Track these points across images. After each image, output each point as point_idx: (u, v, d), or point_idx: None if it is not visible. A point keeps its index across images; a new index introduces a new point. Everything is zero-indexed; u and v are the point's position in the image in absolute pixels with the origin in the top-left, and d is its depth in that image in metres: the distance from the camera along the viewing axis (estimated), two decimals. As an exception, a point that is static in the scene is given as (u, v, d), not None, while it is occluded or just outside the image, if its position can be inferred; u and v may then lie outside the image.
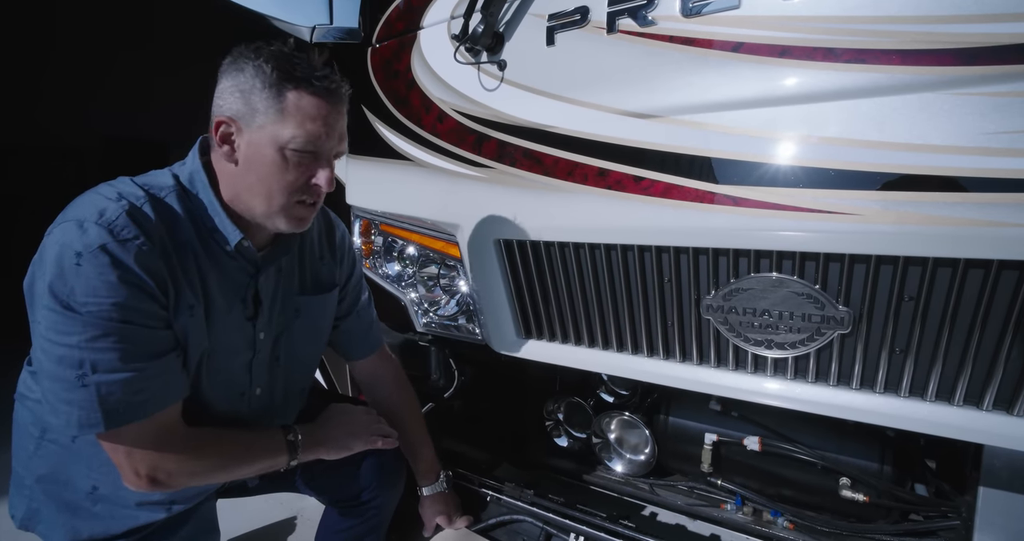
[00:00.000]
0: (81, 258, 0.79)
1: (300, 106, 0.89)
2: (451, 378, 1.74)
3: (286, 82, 0.88)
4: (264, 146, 0.90)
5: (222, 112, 0.91)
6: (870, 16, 0.91)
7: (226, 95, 0.90)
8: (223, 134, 0.91)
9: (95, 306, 0.80)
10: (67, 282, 0.79)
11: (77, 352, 0.80)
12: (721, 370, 1.16)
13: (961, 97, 0.85)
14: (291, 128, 0.89)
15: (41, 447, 0.98)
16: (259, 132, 0.90)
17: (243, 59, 0.90)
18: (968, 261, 0.86)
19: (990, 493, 1.09)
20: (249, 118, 0.89)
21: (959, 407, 0.94)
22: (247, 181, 0.93)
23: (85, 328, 0.80)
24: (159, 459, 0.88)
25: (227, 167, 0.93)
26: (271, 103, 0.88)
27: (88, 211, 0.82)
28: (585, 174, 1.18)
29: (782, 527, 1.39)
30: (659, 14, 1.07)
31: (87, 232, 0.80)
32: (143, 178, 0.93)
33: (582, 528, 1.21)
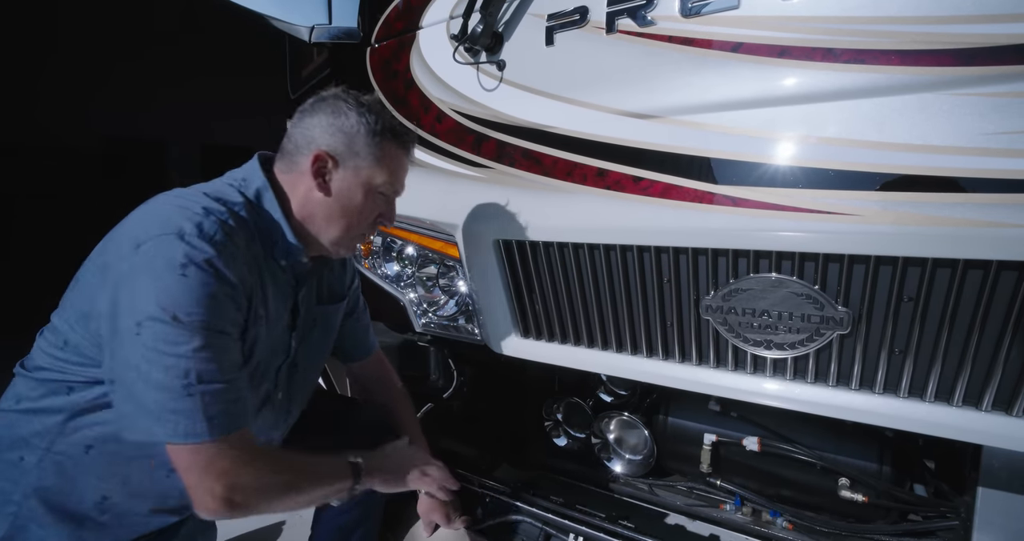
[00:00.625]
0: (187, 270, 0.83)
1: (394, 157, 1.06)
2: (450, 378, 1.74)
3: (387, 134, 1.03)
4: (357, 185, 1.03)
5: (320, 147, 1.01)
6: (869, 16, 0.91)
7: (324, 133, 1.01)
8: (318, 167, 1.01)
9: (200, 316, 0.83)
10: (174, 293, 0.82)
11: (184, 362, 0.82)
12: (720, 370, 1.16)
13: (960, 97, 0.85)
14: (384, 175, 1.05)
15: (46, 458, 0.94)
16: (355, 172, 1.03)
17: (345, 105, 1.02)
18: (967, 261, 0.86)
19: (989, 493, 1.08)
20: (348, 158, 1.02)
21: (958, 408, 0.94)
22: (331, 211, 1.03)
23: (191, 338, 0.83)
24: (236, 478, 0.87)
25: (313, 195, 1.02)
26: (371, 150, 1.02)
27: (185, 224, 0.86)
28: (584, 174, 1.18)
29: (781, 527, 1.39)
30: (658, 14, 1.07)
31: (193, 246, 0.84)
32: (213, 191, 0.97)
33: (581, 528, 1.21)
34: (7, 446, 0.96)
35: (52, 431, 0.95)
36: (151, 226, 0.87)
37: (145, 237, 0.86)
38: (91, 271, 0.94)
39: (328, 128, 1.00)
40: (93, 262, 0.95)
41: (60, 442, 0.94)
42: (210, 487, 0.86)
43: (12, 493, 0.95)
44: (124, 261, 0.86)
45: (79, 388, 0.94)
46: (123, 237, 0.90)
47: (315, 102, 1.04)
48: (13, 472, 0.95)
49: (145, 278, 0.83)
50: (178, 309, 0.82)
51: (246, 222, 0.97)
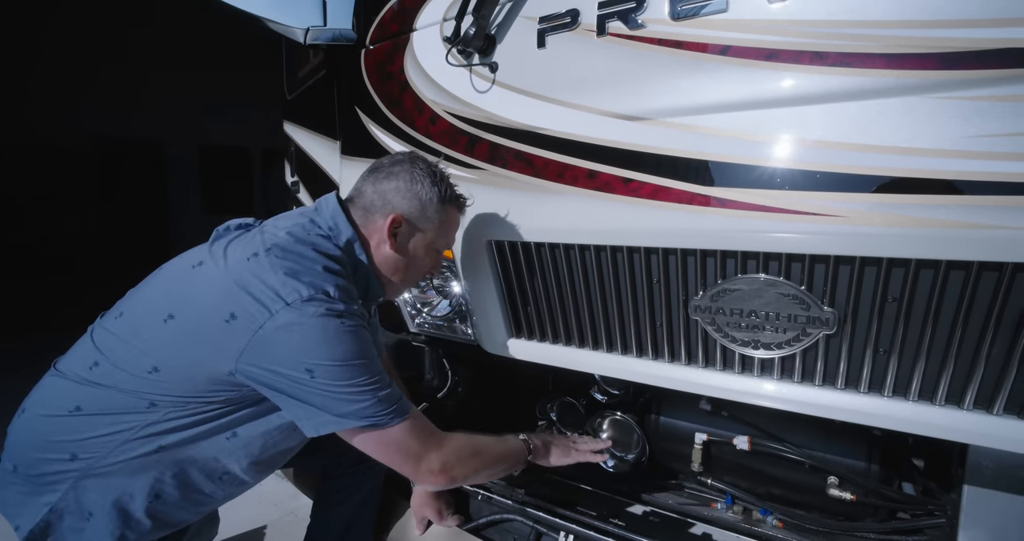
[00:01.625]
0: (344, 322, 0.96)
1: (452, 221, 1.22)
2: (444, 378, 1.75)
3: (451, 201, 1.18)
4: (423, 246, 1.18)
5: (397, 210, 1.13)
6: (855, 20, 0.92)
7: (402, 198, 1.14)
8: (392, 227, 1.13)
9: (365, 355, 0.98)
10: (340, 344, 0.95)
11: (367, 387, 0.97)
12: (709, 370, 1.17)
13: (944, 101, 0.86)
14: (444, 238, 1.22)
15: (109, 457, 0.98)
16: (422, 234, 1.17)
17: (420, 172, 1.15)
18: (950, 262, 0.87)
19: (975, 491, 1.10)
20: (420, 221, 1.16)
21: (941, 406, 0.96)
22: (398, 265, 1.18)
23: (366, 371, 0.98)
24: (443, 454, 1.06)
25: (385, 249, 1.15)
26: (438, 215, 1.16)
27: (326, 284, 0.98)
28: (575, 176, 1.19)
29: (771, 526, 1.40)
30: (648, 17, 1.08)
31: (340, 302, 0.98)
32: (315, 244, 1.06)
33: (572, 526, 1.22)
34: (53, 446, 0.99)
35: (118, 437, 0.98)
36: (296, 286, 0.95)
37: (293, 296, 0.94)
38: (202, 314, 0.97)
39: (406, 194, 1.13)
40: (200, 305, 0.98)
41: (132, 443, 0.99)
42: (427, 462, 1.04)
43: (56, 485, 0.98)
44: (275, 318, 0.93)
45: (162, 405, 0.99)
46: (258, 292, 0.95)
47: (392, 165, 1.16)
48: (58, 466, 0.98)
49: (309, 336, 0.94)
50: (348, 355, 0.96)
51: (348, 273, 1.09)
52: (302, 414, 0.98)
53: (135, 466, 0.99)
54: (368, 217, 1.14)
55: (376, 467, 1.37)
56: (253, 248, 1.00)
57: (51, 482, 0.98)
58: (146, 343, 0.99)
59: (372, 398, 0.97)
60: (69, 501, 0.98)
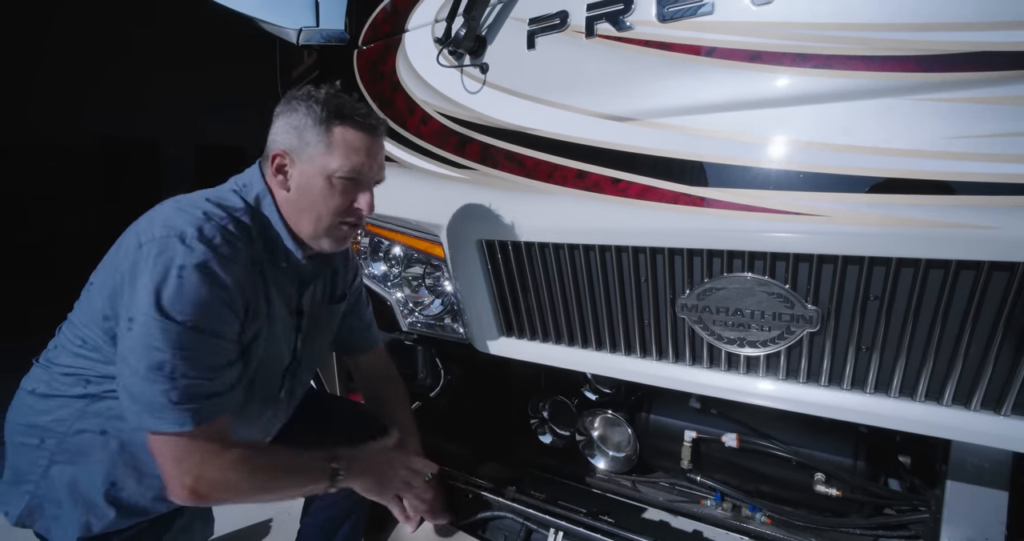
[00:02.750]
0: (184, 271, 0.87)
1: (345, 139, 1.03)
2: (437, 377, 1.76)
3: (334, 119, 1.02)
4: (314, 176, 1.03)
5: (277, 146, 1.04)
6: (837, 23, 0.93)
7: (281, 132, 1.04)
8: (278, 165, 1.04)
9: (191, 317, 0.88)
10: (169, 293, 0.87)
11: (171, 359, 0.87)
12: (696, 368, 1.18)
13: (923, 103, 0.88)
14: (337, 159, 1.02)
15: (65, 442, 1.00)
16: (309, 164, 1.03)
17: (296, 101, 1.04)
18: (929, 261, 0.89)
19: (957, 487, 1.12)
20: (301, 151, 1.03)
21: (921, 403, 0.97)
22: (299, 206, 1.05)
23: (180, 338, 0.87)
24: (203, 472, 0.92)
25: (282, 193, 1.05)
26: (321, 138, 1.02)
27: (186, 227, 0.90)
28: (564, 176, 1.20)
29: (760, 522, 1.42)
30: (636, 19, 1.10)
31: (191, 248, 0.89)
32: (214, 197, 1.01)
33: (562, 524, 1.23)
34: (26, 430, 1.03)
35: (71, 417, 1.01)
36: (155, 227, 0.91)
37: (147, 238, 0.91)
38: (102, 273, 1.00)
39: (283, 127, 1.04)
40: (105, 264, 1.00)
41: (77, 426, 1.00)
42: (180, 478, 0.91)
43: (30, 473, 1.02)
44: (127, 260, 0.92)
45: (96, 381, 1.00)
46: (129, 238, 0.95)
47: (279, 106, 1.07)
48: (32, 453, 1.02)
49: (144, 277, 0.88)
50: (171, 308, 0.87)
51: (247, 227, 1.00)
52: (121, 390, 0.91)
53: (87, 451, 1.00)
54: (268, 166, 1.06)
55: None
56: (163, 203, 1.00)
57: (28, 469, 1.02)
58: (77, 317, 1.02)
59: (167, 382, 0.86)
60: (43, 488, 1.01)
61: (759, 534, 1.37)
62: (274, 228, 1.05)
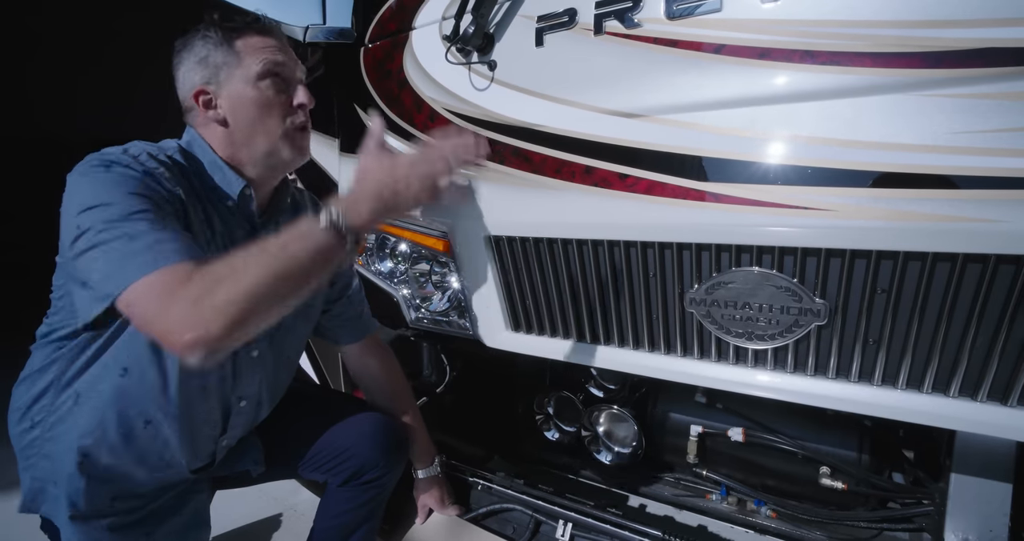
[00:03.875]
0: (111, 168, 0.87)
1: (250, 44, 1.03)
2: (442, 373, 1.77)
3: (228, 33, 1.02)
4: (242, 91, 1.02)
5: (195, 84, 1.02)
6: (844, 20, 0.94)
7: (189, 72, 1.03)
8: (204, 102, 1.02)
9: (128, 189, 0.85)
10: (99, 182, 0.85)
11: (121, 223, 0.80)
12: (704, 361, 1.19)
13: (929, 98, 0.89)
14: (252, 64, 1.02)
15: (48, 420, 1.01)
16: (230, 83, 1.02)
17: (187, 39, 1.03)
18: (936, 255, 0.90)
19: (961, 479, 1.13)
20: (217, 77, 1.02)
21: (928, 394, 0.98)
22: (242, 127, 1.03)
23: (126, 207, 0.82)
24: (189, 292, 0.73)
25: (219, 130, 1.03)
26: (227, 56, 1.01)
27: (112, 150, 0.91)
28: (572, 172, 1.21)
29: (765, 516, 1.43)
30: (644, 16, 1.11)
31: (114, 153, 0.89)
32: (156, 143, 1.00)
33: (571, 515, 1.24)
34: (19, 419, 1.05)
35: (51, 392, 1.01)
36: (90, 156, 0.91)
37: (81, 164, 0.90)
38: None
39: (188, 67, 1.02)
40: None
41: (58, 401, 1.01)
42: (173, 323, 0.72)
43: (30, 457, 1.03)
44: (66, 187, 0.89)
45: (66, 343, 1.00)
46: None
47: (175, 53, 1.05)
48: (27, 437, 1.03)
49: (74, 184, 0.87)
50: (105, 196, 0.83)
51: (179, 164, 0.99)
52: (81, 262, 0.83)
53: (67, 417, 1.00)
54: (191, 114, 1.06)
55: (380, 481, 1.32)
56: None
57: (28, 455, 1.04)
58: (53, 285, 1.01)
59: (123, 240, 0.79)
60: (39, 471, 1.03)
61: (765, 528, 1.39)
62: (210, 164, 1.03)
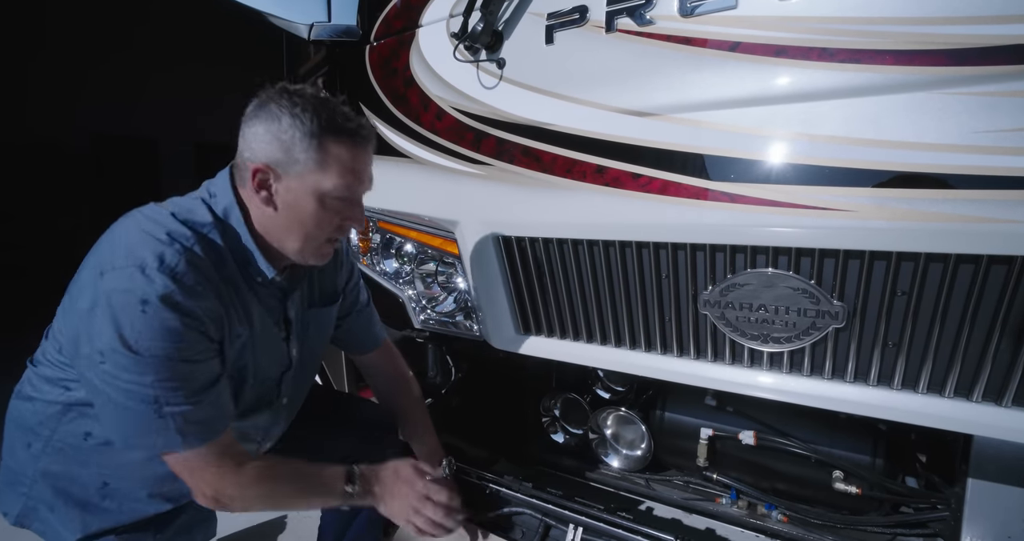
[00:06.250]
0: (147, 305, 0.83)
1: (339, 156, 0.94)
2: (448, 374, 1.75)
3: (325, 133, 0.92)
4: (304, 194, 0.95)
5: (258, 159, 0.93)
6: (864, 17, 0.92)
7: (261, 142, 0.93)
8: (260, 181, 0.94)
9: (162, 350, 0.85)
10: (135, 328, 0.83)
11: (151, 390, 0.85)
12: (718, 364, 1.17)
13: (952, 96, 0.87)
14: (331, 178, 0.94)
15: (50, 445, 1.00)
16: (298, 181, 0.94)
17: (278, 107, 0.92)
18: (959, 256, 0.88)
19: (978, 485, 1.11)
20: (288, 166, 0.93)
21: (950, 399, 0.97)
22: (284, 224, 0.97)
23: (155, 370, 0.85)
24: (220, 485, 0.94)
25: (263, 210, 0.97)
26: (311, 154, 0.92)
27: (147, 256, 0.85)
28: (583, 171, 1.19)
29: (776, 520, 1.41)
30: (657, 13, 1.09)
31: (152, 280, 0.84)
32: (181, 211, 0.94)
33: (581, 519, 1.22)
34: (16, 433, 1.04)
35: (53, 420, 1.00)
36: (117, 254, 0.87)
37: (109, 266, 0.86)
38: (74, 286, 0.95)
39: (264, 137, 0.92)
40: (78, 276, 0.95)
41: (61, 430, 1.00)
42: (200, 489, 0.94)
43: (23, 475, 1.02)
44: (90, 287, 0.87)
45: (75, 387, 0.99)
46: (94, 260, 0.90)
47: (253, 107, 0.95)
48: (23, 455, 1.02)
49: (106, 311, 0.84)
50: (137, 344, 0.83)
51: (215, 245, 0.94)
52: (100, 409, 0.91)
53: (74, 453, 1.00)
54: (241, 177, 0.96)
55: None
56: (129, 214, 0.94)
57: (20, 472, 1.03)
58: (56, 323, 1.00)
59: (152, 411, 0.86)
60: (36, 491, 1.01)
61: (776, 532, 1.36)
62: (244, 244, 0.98)
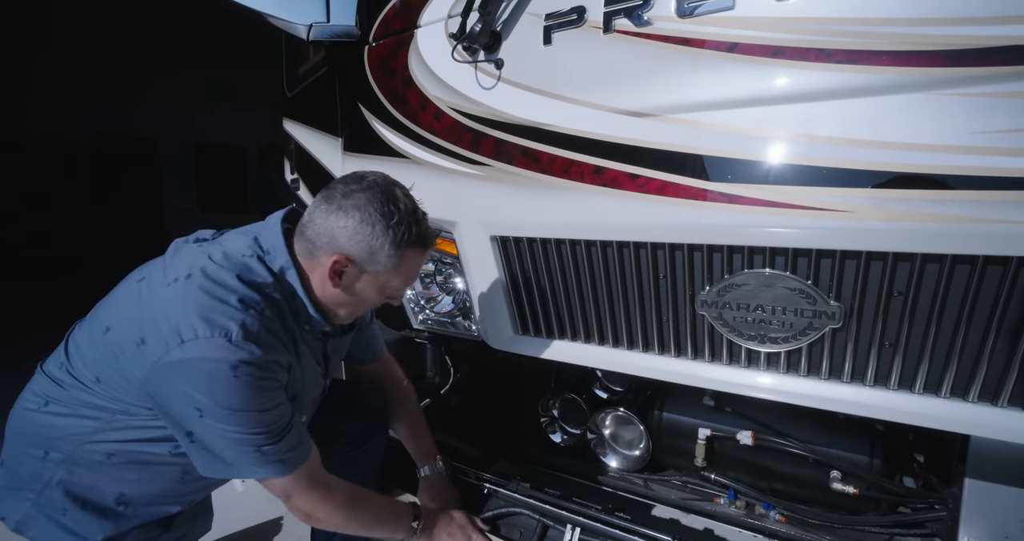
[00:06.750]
0: (238, 371, 0.92)
1: (412, 262, 1.07)
2: (447, 375, 1.75)
3: (409, 244, 1.03)
4: (371, 286, 1.07)
5: (342, 250, 1.01)
6: (861, 18, 0.92)
7: (349, 239, 1.00)
8: (336, 270, 1.02)
9: (256, 405, 0.95)
10: (230, 391, 0.92)
11: (251, 437, 0.96)
12: (715, 365, 1.18)
13: (949, 97, 0.87)
14: (399, 280, 1.08)
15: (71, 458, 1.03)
16: (372, 276, 1.05)
17: (374, 213, 0.99)
18: (955, 257, 0.89)
19: (975, 485, 1.11)
20: (368, 265, 1.03)
21: (946, 399, 0.97)
22: (343, 300, 1.08)
23: (254, 421, 0.96)
24: (312, 509, 1.08)
25: (327, 284, 1.05)
26: (391, 260, 1.03)
27: (230, 325, 0.92)
28: (581, 172, 1.20)
29: (774, 520, 1.42)
30: (655, 14, 1.09)
31: (240, 349, 0.92)
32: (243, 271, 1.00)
33: (579, 519, 1.23)
34: (31, 441, 1.05)
35: (78, 437, 1.03)
36: (196, 323, 0.92)
37: (190, 334, 0.91)
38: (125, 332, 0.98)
39: (353, 235, 0.99)
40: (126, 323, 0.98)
41: (85, 448, 1.03)
42: (295, 509, 1.09)
43: (32, 481, 1.04)
44: (170, 353, 0.92)
45: (108, 411, 1.02)
46: (163, 322, 0.93)
47: (345, 197, 1.00)
48: (34, 462, 1.04)
49: (198, 376, 0.92)
50: (235, 403, 0.93)
51: (277, 302, 1.02)
52: (194, 452, 1.00)
53: (95, 465, 1.03)
54: (312, 252, 1.04)
55: (371, 450, 1.42)
56: (185, 269, 0.99)
57: (29, 479, 1.04)
58: (92, 353, 1.02)
59: (255, 452, 0.97)
60: (45, 498, 1.03)
61: (773, 532, 1.37)
62: (299, 297, 1.06)
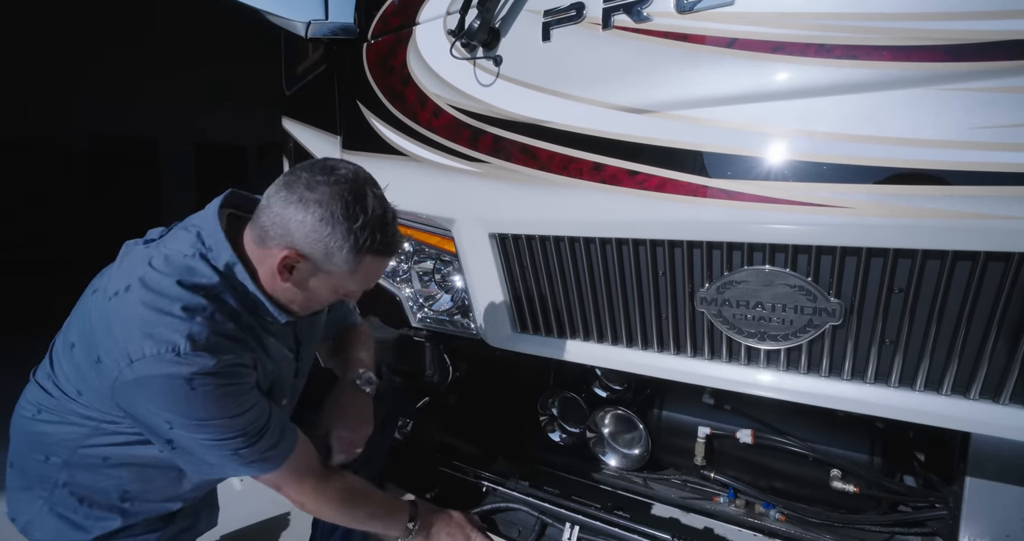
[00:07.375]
0: (194, 382, 0.88)
1: (370, 269, 1.00)
2: (446, 373, 1.75)
3: (368, 251, 0.95)
4: (324, 286, 1.00)
5: (295, 246, 0.92)
6: (861, 13, 0.92)
7: (306, 236, 0.91)
8: (286, 264, 0.94)
9: (222, 413, 0.92)
10: (191, 404, 0.90)
11: (226, 442, 0.95)
12: (715, 362, 1.17)
13: (949, 93, 0.87)
14: (357, 283, 1.02)
15: (69, 462, 1.04)
16: (326, 277, 0.98)
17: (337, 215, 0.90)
18: (956, 253, 0.88)
19: (976, 483, 1.11)
20: (321, 264, 0.95)
21: (947, 396, 0.96)
22: (295, 297, 1.02)
23: (224, 428, 0.93)
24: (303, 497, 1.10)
25: (276, 278, 0.97)
26: (348, 264, 0.95)
27: (176, 338, 0.86)
28: (580, 169, 1.19)
29: (774, 519, 1.41)
30: (654, 10, 1.08)
31: (191, 362, 0.87)
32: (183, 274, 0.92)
33: (578, 517, 1.22)
34: (32, 446, 1.06)
35: (72, 443, 1.03)
36: (141, 341, 0.86)
37: (138, 353, 0.86)
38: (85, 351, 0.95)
39: (310, 232, 0.91)
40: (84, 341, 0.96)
41: (80, 453, 1.03)
42: (290, 498, 1.10)
43: (44, 481, 1.05)
44: (123, 373, 0.88)
45: (94, 420, 1.01)
46: (111, 341, 0.90)
47: (308, 189, 0.91)
48: (39, 466, 1.05)
49: (156, 394, 0.89)
50: (198, 415, 0.91)
51: (228, 303, 0.95)
52: (178, 458, 0.99)
53: (94, 468, 1.04)
54: (263, 242, 0.95)
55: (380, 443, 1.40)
56: (125, 279, 0.93)
57: (38, 479, 1.05)
58: (68, 367, 1.00)
59: (233, 455, 0.96)
60: (57, 495, 1.04)
61: (774, 531, 1.36)
62: (251, 292, 0.98)
